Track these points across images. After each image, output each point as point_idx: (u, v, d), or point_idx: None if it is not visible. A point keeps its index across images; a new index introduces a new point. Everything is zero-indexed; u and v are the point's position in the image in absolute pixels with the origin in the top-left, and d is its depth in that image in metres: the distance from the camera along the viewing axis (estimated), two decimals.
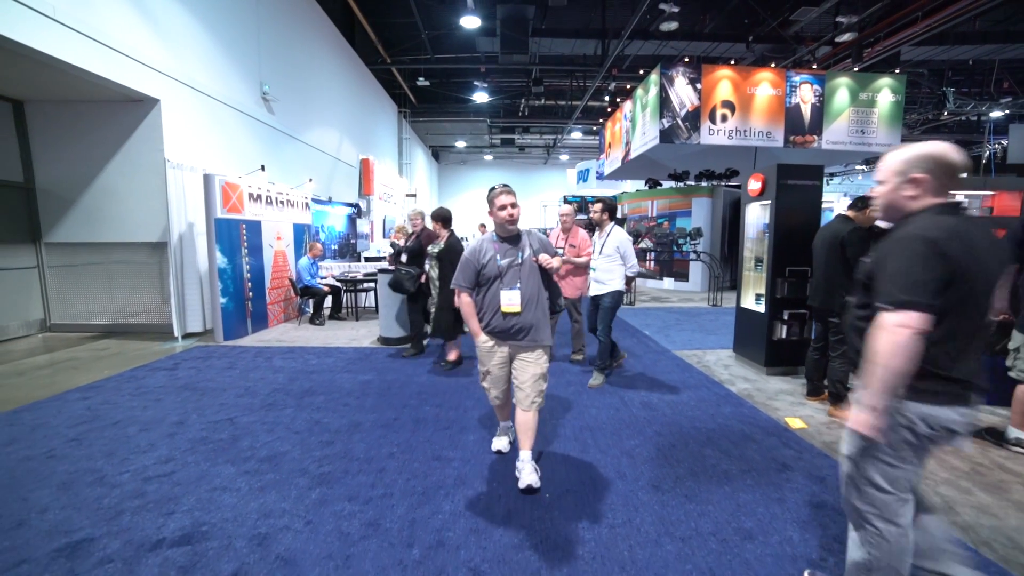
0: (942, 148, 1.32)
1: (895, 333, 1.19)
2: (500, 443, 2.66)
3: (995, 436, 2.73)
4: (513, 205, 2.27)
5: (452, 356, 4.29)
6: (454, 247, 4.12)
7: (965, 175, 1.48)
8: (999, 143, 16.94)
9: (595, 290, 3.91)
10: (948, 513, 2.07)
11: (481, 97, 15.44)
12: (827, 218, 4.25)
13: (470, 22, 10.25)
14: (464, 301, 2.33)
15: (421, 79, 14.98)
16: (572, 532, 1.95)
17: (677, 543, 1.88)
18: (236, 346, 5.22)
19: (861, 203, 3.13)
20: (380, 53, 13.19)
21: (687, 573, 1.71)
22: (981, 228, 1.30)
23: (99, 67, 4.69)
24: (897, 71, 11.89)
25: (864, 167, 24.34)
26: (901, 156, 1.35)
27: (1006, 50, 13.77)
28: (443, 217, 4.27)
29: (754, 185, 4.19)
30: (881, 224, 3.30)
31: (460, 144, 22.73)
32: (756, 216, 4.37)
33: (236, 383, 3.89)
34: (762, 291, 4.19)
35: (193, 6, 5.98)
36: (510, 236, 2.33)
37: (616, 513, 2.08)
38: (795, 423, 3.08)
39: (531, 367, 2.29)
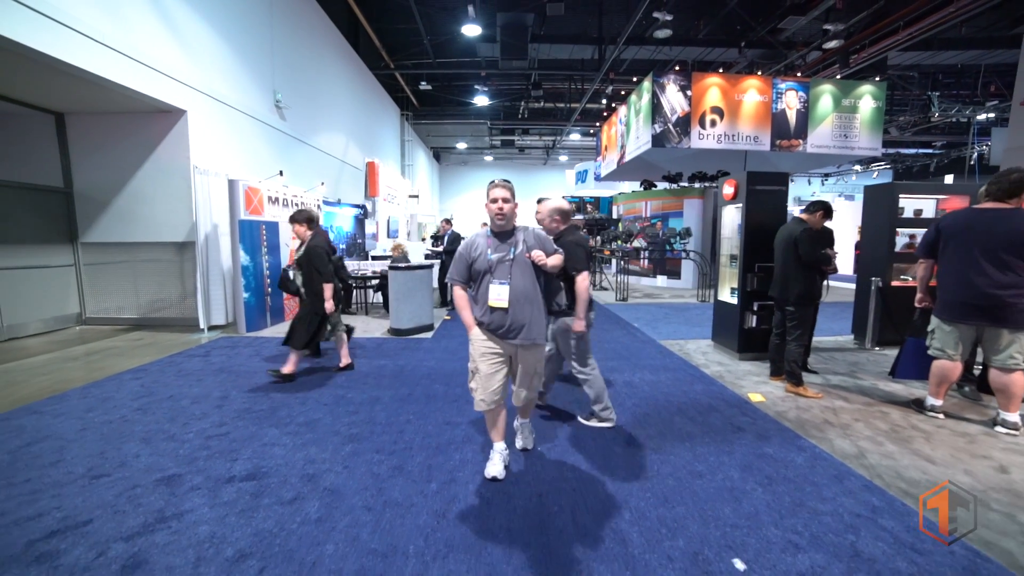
0: (560, 203, 2.96)
1: (584, 281, 2.71)
2: (494, 468, 2.35)
3: (919, 405, 3.22)
4: (505, 200, 2.25)
5: (287, 369, 3.91)
6: (312, 251, 3.81)
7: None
8: (986, 145, 17.39)
9: None
10: (859, 458, 2.56)
11: (482, 100, 15.88)
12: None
13: (471, 30, 10.68)
14: (457, 294, 2.36)
15: (423, 83, 15.46)
16: (558, 473, 2.44)
17: (641, 480, 2.37)
18: (258, 337, 5.71)
19: (813, 207, 3.61)
20: (384, 58, 13.64)
21: (646, 499, 2.20)
22: (581, 235, 2.95)
23: (135, 82, 5.16)
24: (879, 79, 12.37)
25: (858, 167, 24.86)
26: (547, 207, 2.94)
27: (990, 55, 14.20)
28: (306, 218, 3.94)
29: (728, 190, 4.67)
30: (828, 225, 3.79)
31: (461, 145, 23.18)
32: (731, 218, 4.85)
33: (265, 367, 4.37)
34: (736, 285, 4.67)
35: (215, 21, 6.46)
36: (502, 231, 2.32)
37: (594, 461, 2.57)
38: (756, 397, 3.56)
39: (525, 367, 2.34)
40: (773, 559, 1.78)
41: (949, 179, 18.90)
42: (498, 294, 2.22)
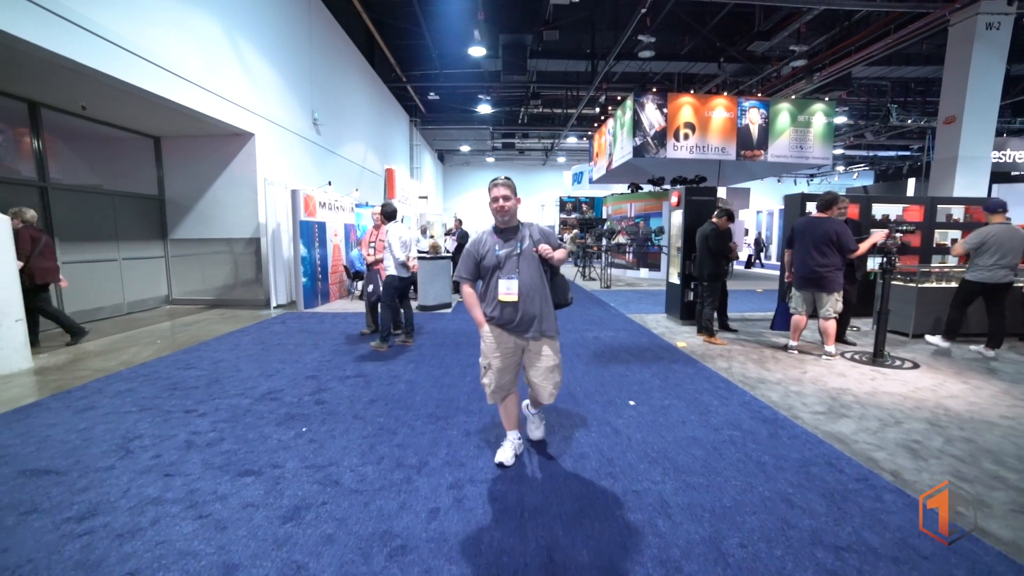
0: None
1: (464, 291, 2.40)
2: (504, 454, 2.44)
3: (785, 348, 4.81)
4: (506, 198, 2.27)
5: None
6: None
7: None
8: None
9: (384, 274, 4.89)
10: (727, 370, 4.16)
11: (484, 108, 17.40)
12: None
13: (476, 51, 12.15)
14: (466, 292, 2.39)
15: (432, 94, 16.99)
16: None
17: (591, 378, 3.97)
18: (315, 312, 7.30)
19: (720, 213, 5.18)
20: (396, 71, 15.16)
21: (591, 384, 3.79)
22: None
23: (219, 112, 6.72)
24: (846, 92, 13.88)
25: (841, 168, 26.56)
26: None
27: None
28: None
29: (673, 199, 6.24)
30: (730, 226, 5.33)
31: (464, 148, 24.74)
32: (677, 220, 6.42)
33: (333, 329, 5.97)
34: (680, 270, 6.25)
35: (273, 56, 8.03)
36: (508, 227, 2.36)
37: (564, 372, 4.15)
38: (681, 344, 5.15)
39: (542, 361, 2.33)
40: (651, 402, 3.38)
41: (912, 182, 20.42)
42: (507, 288, 2.26)
